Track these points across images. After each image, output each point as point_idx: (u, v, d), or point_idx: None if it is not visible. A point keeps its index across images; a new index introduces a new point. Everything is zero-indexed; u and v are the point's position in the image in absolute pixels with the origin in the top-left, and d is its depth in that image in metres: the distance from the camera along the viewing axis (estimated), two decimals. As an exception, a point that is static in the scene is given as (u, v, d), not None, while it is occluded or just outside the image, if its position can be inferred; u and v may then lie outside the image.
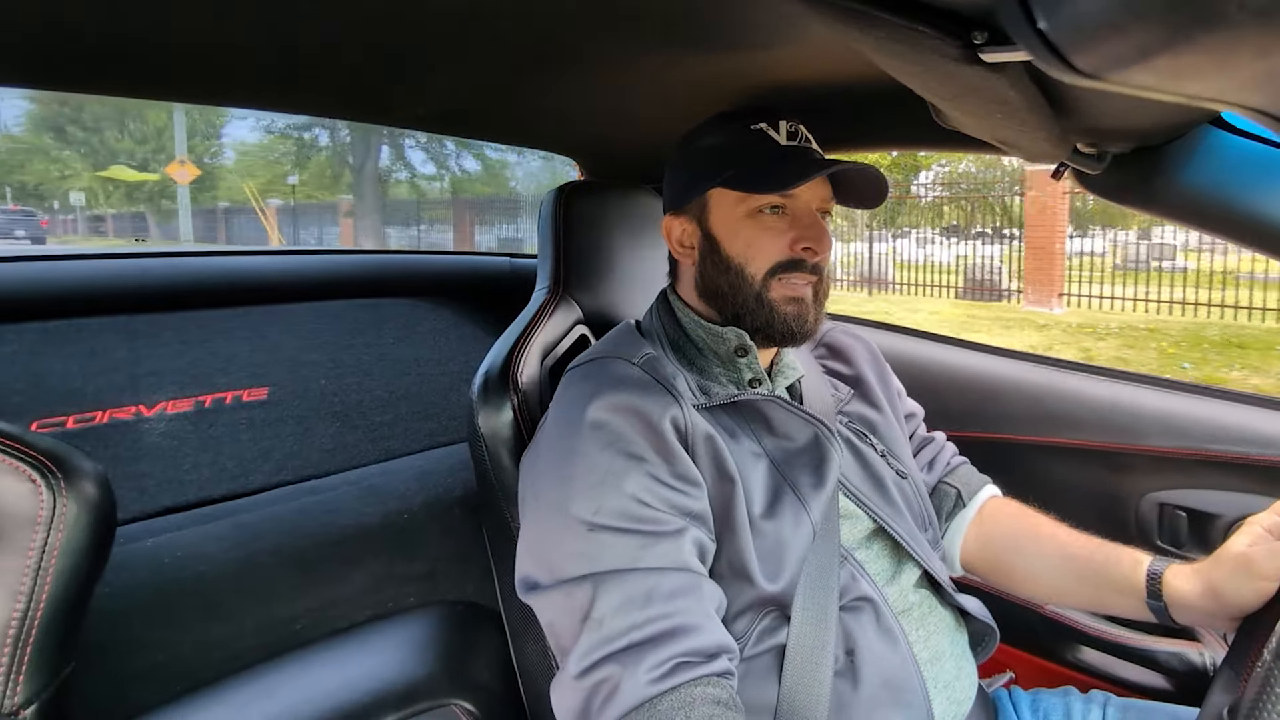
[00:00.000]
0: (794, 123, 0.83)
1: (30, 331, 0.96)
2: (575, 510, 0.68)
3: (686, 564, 0.68)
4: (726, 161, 0.82)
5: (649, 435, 0.72)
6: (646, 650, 0.62)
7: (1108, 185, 0.87)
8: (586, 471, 0.70)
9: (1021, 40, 0.34)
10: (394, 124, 1.19)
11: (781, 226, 0.80)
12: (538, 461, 0.77)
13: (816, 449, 0.82)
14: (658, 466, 0.71)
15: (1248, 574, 0.71)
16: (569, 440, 0.73)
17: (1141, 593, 0.80)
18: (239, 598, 0.93)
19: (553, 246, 1.02)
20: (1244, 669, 0.61)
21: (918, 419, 1.04)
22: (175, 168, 15.44)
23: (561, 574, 0.67)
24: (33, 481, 0.59)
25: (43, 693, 0.60)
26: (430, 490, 1.13)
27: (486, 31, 0.79)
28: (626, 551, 0.66)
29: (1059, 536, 0.90)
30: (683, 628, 0.63)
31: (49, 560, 0.59)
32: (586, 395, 0.75)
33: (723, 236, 0.82)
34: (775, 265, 0.80)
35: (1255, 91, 0.37)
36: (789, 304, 0.81)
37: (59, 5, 0.66)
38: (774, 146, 0.81)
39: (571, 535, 0.68)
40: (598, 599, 0.64)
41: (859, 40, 0.50)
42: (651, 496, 0.69)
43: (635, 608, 0.63)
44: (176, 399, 1.05)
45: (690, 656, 0.62)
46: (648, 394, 0.75)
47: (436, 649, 1.00)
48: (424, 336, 1.37)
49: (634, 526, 0.67)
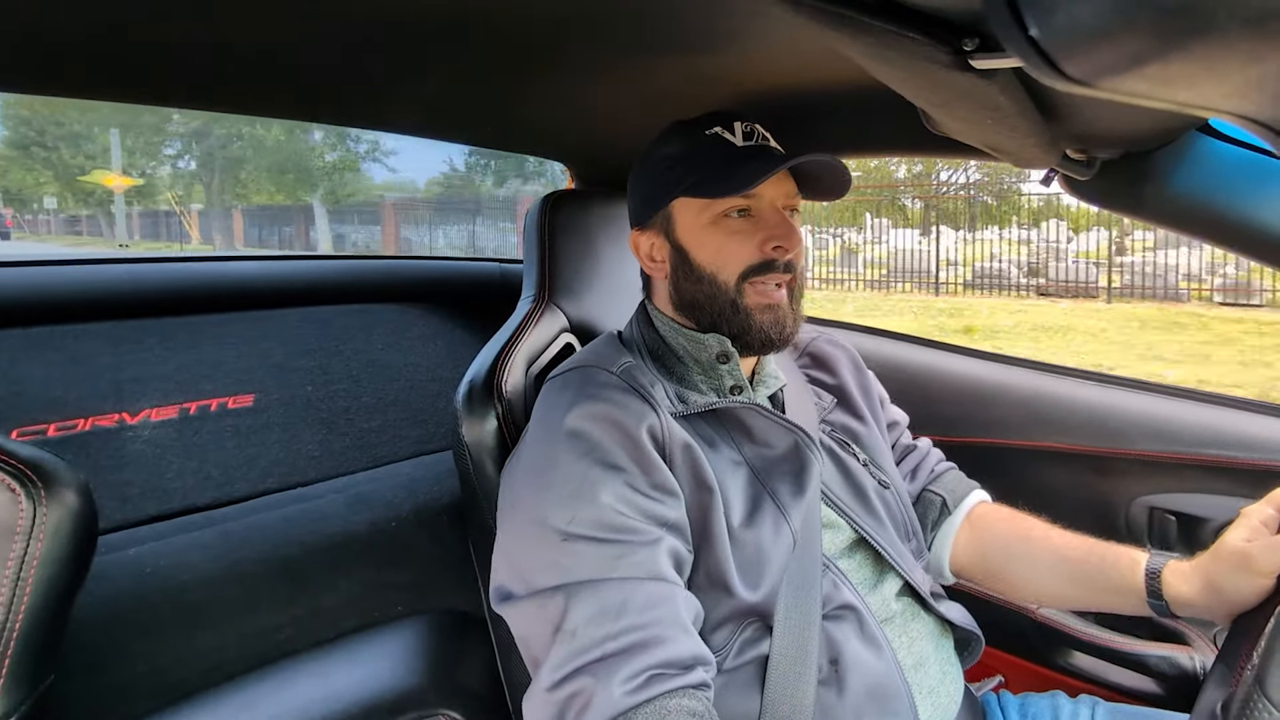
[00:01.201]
0: (749, 123, 0.83)
1: (11, 337, 0.95)
2: (550, 519, 0.68)
3: (662, 574, 0.67)
4: (684, 169, 0.81)
5: (626, 444, 0.71)
6: (620, 662, 0.61)
7: (1097, 191, 0.87)
8: (563, 481, 0.69)
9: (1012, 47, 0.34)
10: (381, 129, 1.18)
11: (749, 229, 0.80)
12: (516, 470, 0.76)
13: (796, 457, 0.81)
14: (634, 476, 0.70)
15: (1246, 570, 0.71)
16: (546, 449, 0.73)
17: (1141, 591, 0.80)
18: (223, 607, 0.92)
19: (538, 255, 1.01)
20: (1237, 665, 0.61)
21: (901, 427, 1.04)
22: (111, 179, 18.09)
23: (535, 584, 0.67)
24: (12, 490, 0.58)
25: (22, 705, 0.59)
26: (418, 498, 1.12)
27: (473, 36, 0.79)
28: (601, 561, 0.65)
29: (1052, 539, 0.90)
30: (657, 639, 0.62)
31: (28, 570, 0.58)
32: (565, 404, 0.75)
33: (691, 246, 0.82)
34: (747, 269, 0.80)
35: (1245, 98, 0.37)
36: (765, 312, 0.80)
37: (52, 9, 0.65)
38: (730, 149, 0.81)
39: (546, 545, 0.67)
40: (570, 610, 0.64)
41: (849, 46, 0.50)
42: (627, 506, 0.68)
43: (609, 619, 0.63)
44: (161, 406, 1.03)
45: (665, 668, 0.61)
46: (625, 403, 0.74)
47: (424, 658, 0.99)
48: (412, 342, 1.36)
49: (609, 536, 0.67)
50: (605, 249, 1.05)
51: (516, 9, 0.71)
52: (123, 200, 19.77)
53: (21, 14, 0.66)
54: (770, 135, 0.84)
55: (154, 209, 23.61)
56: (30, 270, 1.02)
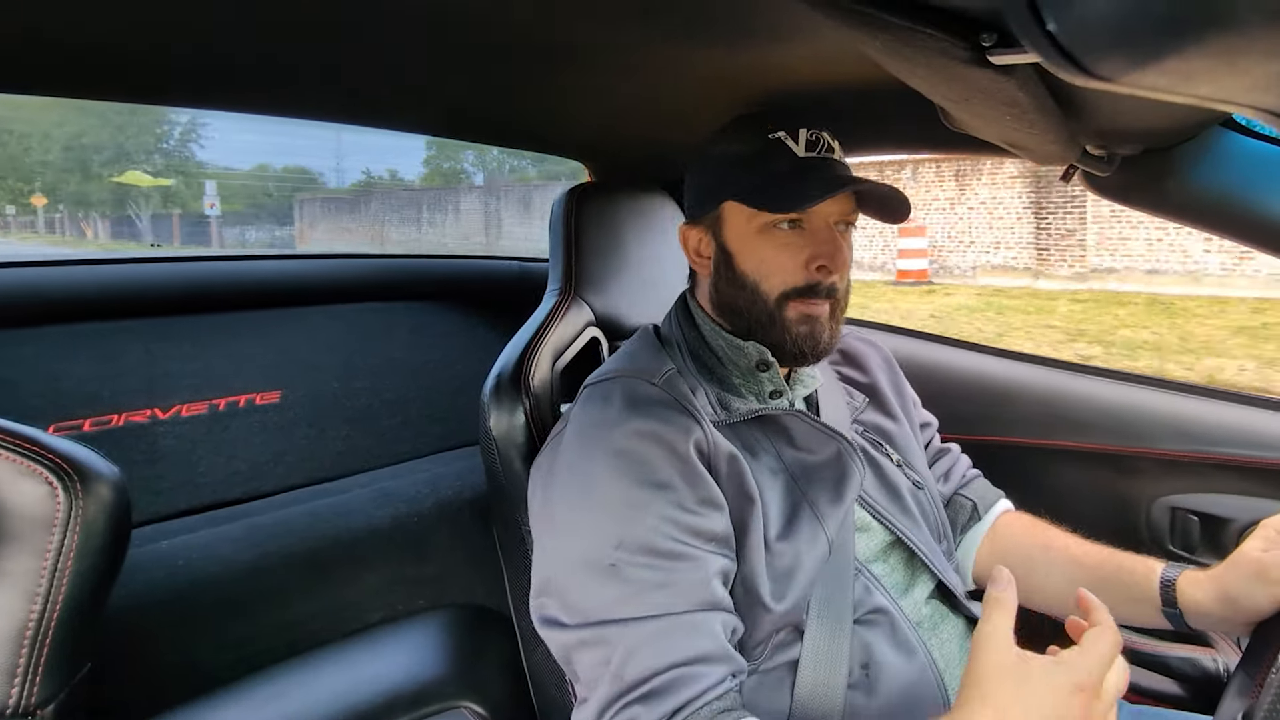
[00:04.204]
0: (815, 130, 0.79)
1: (47, 335, 0.97)
2: (596, 546, 0.67)
3: (706, 602, 0.67)
4: (740, 173, 0.79)
5: (673, 461, 0.70)
6: (666, 696, 0.62)
7: (1117, 187, 0.87)
8: (607, 503, 0.69)
9: (1030, 42, 0.34)
10: (395, 128, 1.19)
11: (798, 244, 0.77)
12: (554, 484, 0.75)
13: (838, 464, 0.80)
14: (682, 493, 0.69)
15: (1262, 580, 0.71)
16: (588, 467, 0.71)
17: (1156, 601, 0.79)
18: (252, 599, 0.94)
19: (564, 248, 1.01)
20: (1259, 674, 0.60)
21: (932, 429, 1.03)
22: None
23: (580, 617, 0.67)
24: (49, 484, 0.59)
25: (60, 692, 0.60)
26: (441, 493, 1.14)
27: (492, 33, 0.79)
28: (646, 594, 0.65)
29: (1070, 549, 0.88)
30: (697, 675, 0.63)
31: (65, 562, 0.60)
32: (609, 421, 0.73)
33: (737, 251, 0.80)
34: (790, 290, 0.77)
35: (1266, 93, 0.37)
36: (803, 323, 0.78)
37: (58, 10, 0.66)
38: (790, 159, 0.78)
39: (591, 574, 0.67)
40: (616, 647, 0.64)
41: (868, 42, 0.50)
42: (674, 527, 0.68)
43: (653, 656, 0.63)
44: (191, 402, 1.06)
45: (701, 695, 0.62)
46: (670, 417, 0.73)
47: (447, 651, 1.01)
48: (434, 340, 1.38)
49: (655, 563, 0.66)
50: (631, 242, 1.05)
51: (534, 6, 0.71)
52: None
53: (22, 13, 0.66)
54: (837, 144, 0.81)
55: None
56: (65, 270, 1.04)
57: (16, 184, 22.24)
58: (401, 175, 23.37)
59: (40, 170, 22.08)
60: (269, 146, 21.43)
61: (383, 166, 20.74)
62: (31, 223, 22.37)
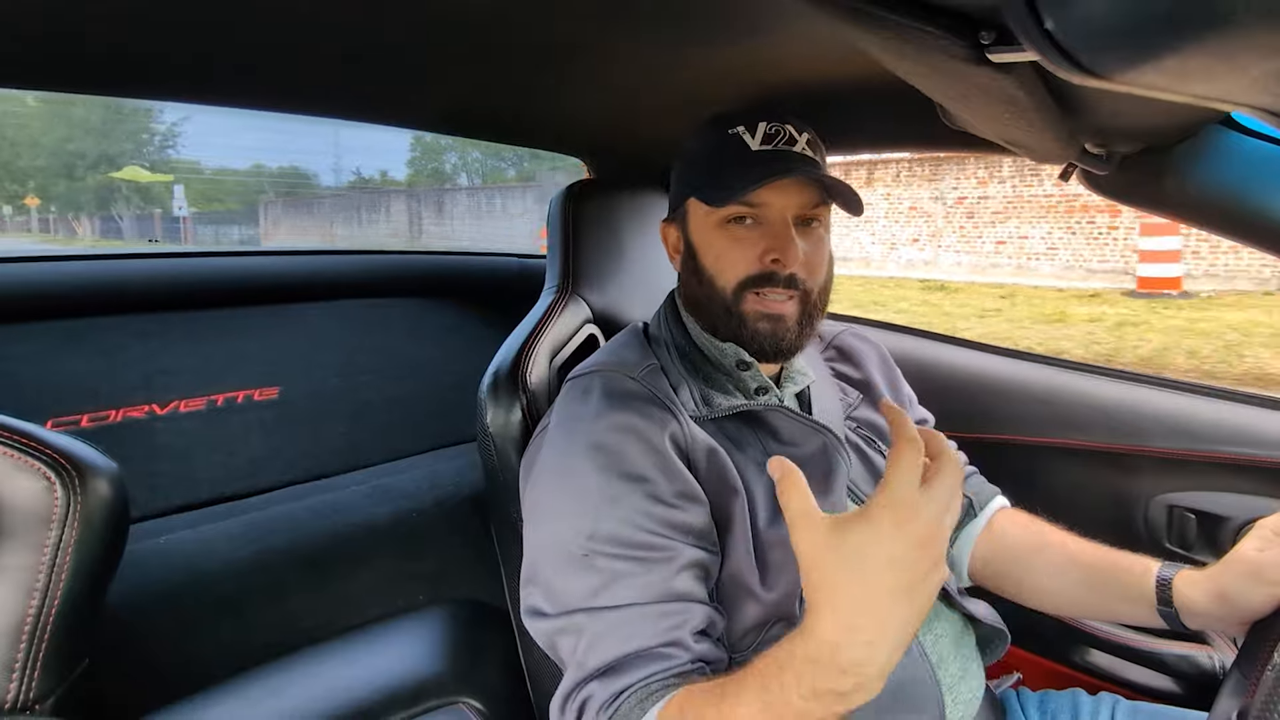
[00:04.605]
0: (777, 123, 0.79)
1: (45, 331, 0.97)
2: (571, 535, 0.68)
3: (675, 592, 0.67)
4: (698, 169, 0.81)
5: (649, 453, 0.71)
6: (620, 676, 0.63)
7: (1116, 186, 0.87)
8: (583, 493, 0.70)
9: (1029, 40, 0.34)
10: (396, 124, 1.19)
11: (752, 237, 0.78)
12: (537, 469, 0.76)
13: (824, 458, 0.81)
14: (658, 485, 0.70)
15: (1258, 579, 0.71)
16: (567, 460, 0.73)
17: (1151, 600, 0.79)
18: (250, 595, 0.94)
19: (561, 245, 1.01)
20: (1253, 673, 0.61)
21: (928, 426, 1.03)
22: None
23: (560, 606, 0.68)
24: (47, 479, 0.59)
25: (59, 687, 0.61)
26: (439, 489, 1.14)
27: (490, 30, 0.79)
28: (617, 585, 0.66)
29: (1067, 547, 0.88)
30: (658, 657, 0.64)
31: (63, 557, 0.60)
32: (587, 414, 0.74)
33: (699, 246, 0.82)
34: (745, 279, 0.78)
35: (1264, 91, 0.37)
36: (761, 320, 0.78)
37: (58, 7, 0.66)
38: (743, 152, 0.77)
39: (566, 561, 0.68)
40: (585, 634, 0.65)
41: (866, 39, 0.50)
42: (648, 519, 0.69)
43: (616, 644, 0.64)
44: (189, 398, 1.06)
45: (659, 675, 0.63)
46: (647, 411, 0.74)
47: (445, 647, 1.01)
48: (433, 336, 1.38)
49: (627, 553, 0.67)
50: (629, 239, 1.05)
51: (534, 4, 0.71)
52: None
53: (21, 8, 0.66)
54: (804, 136, 0.80)
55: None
56: (63, 265, 1.04)
57: (11, 186, 22.61)
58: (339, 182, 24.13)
59: (33, 173, 22.43)
60: (237, 149, 22.13)
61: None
62: (26, 223, 22.63)
